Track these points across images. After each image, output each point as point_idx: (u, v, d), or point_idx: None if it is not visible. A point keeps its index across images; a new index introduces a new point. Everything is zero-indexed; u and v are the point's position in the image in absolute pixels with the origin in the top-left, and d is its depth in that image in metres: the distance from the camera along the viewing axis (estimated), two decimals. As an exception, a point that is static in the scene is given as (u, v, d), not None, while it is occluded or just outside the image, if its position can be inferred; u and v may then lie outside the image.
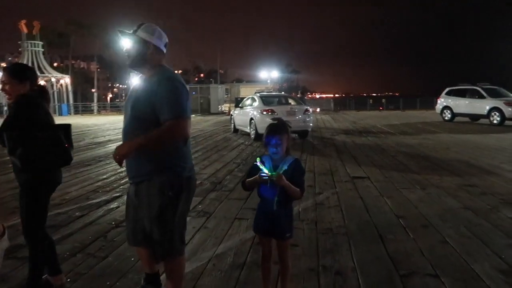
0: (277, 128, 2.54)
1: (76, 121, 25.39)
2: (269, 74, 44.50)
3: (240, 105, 14.67)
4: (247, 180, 2.56)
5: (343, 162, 8.32)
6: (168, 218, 2.37)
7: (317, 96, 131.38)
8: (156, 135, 2.22)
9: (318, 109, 34.16)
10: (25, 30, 32.56)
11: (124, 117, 2.47)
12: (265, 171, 2.42)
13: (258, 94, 13.52)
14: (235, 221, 4.51)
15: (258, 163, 2.47)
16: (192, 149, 2.63)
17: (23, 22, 32.41)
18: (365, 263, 3.34)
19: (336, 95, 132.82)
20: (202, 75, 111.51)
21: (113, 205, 5.21)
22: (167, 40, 2.51)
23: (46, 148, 2.60)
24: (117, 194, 5.76)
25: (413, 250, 3.62)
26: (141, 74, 2.51)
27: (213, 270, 3.24)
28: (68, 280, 3.07)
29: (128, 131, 2.38)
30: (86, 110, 40.75)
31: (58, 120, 2.78)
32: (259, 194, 2.59)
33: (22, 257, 3.50)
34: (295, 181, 2.47)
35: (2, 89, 2.71)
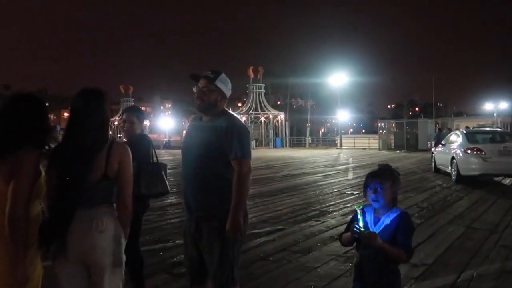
0: (380, 172, 2.20)
1: (284, 153, 27.81)
2: (496, 105, 38.17)
3: (443, 142, 13.07)
4: (344, 234, 2.25)
5: None
6: (231, 253, 2.47)
7: None
8: (238, 184, 2.40)
9: None
10: (252, 75, 38.38)
11: (187, 155, 2.57)
12: (360, 223, 2.07)
13: (463, 130, 11.79)
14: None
15: (358, 211, 2.14)
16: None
17: (250, 68, 38.35)
18: None
19: None
20: (417, 109, 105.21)
21: (271, 237, 5.39)
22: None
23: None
24: (280, 227, 5.95)
25: None
26: (202, 115, 2.63)
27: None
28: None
29: (196, 166, 2.50)
30: (300, 144, 44.07)
31: (272, 152, 2.99)
32: (357, 251, 2.24)
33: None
34: (398, 239, 2.03)
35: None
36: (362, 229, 2.04)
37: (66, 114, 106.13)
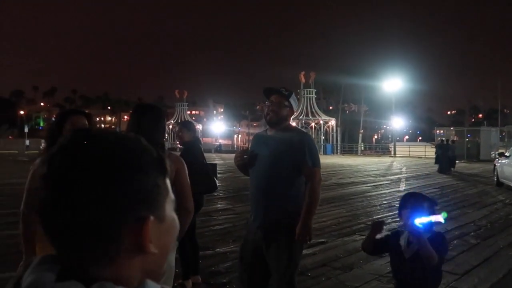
0: (416, 194, 2.11)
1: (334, 161, 27.27)
2: None
3: (507, 154, 12.12)
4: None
5: None
6: (296, 261, 2.59)
7: None
8: (312, 192, 2.55)
9: None
10: (303, 80, 38.14)
11: (257, 165, 2.65)
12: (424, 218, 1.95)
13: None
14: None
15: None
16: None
17: (302, 73, 38.13)
18: None
19: None
20: (480, 115, 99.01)
21: (312, 250, 5.25)
22: None
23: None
24: (322, 240, 5.78)
25: None
26: (267, 128, 2.78)
27: None
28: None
29: (268, 176, 2.60)
30: (351, 151, 42.98)
31: (321, 159, 3.09)
32: (394, 274, 2.14)
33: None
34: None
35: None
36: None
37: (126, 117, 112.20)
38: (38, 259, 0.55)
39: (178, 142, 4.47)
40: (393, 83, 38.42)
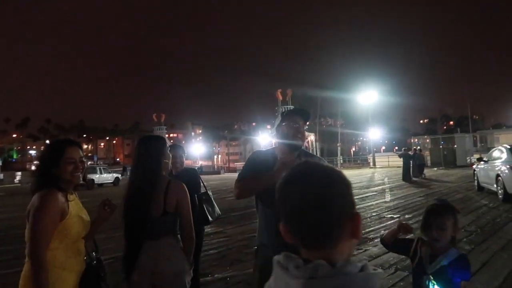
0: (441, 209, 2.11)
1: (317, 175, 27.40)
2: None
3: (485, 158, 12.48)
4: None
5: None
6: None
7: None
8: None
9: None
10: (280, 97, 38.49)
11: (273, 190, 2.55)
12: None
13: (507, 146, 11.20)
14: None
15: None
16: (417, 210, 2.43)
17: (279, 91, 38.53)
18: None
19: None
20: (451, 123, 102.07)
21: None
22: None
23: None
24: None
25: None
26: (273, 148, 2.62)
27: None
28: None
29: None
30: (332, 164, 43.22)
31: None
32: (413, 279, 2.15)
33: None
34: (453, 284, 1.89)
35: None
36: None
37: (102, 144, 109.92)
38: (282, 256, 0.87)
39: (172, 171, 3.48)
40: (368, 96, 39.34)
